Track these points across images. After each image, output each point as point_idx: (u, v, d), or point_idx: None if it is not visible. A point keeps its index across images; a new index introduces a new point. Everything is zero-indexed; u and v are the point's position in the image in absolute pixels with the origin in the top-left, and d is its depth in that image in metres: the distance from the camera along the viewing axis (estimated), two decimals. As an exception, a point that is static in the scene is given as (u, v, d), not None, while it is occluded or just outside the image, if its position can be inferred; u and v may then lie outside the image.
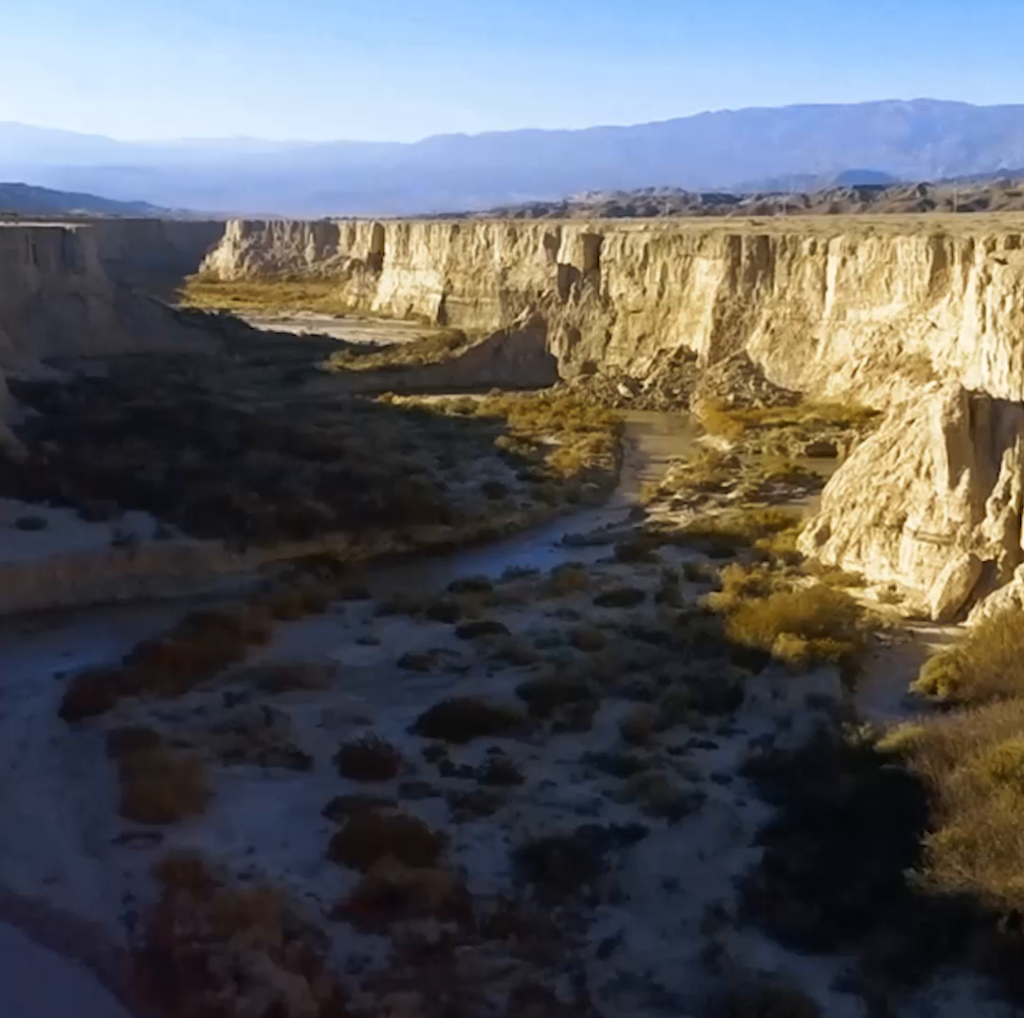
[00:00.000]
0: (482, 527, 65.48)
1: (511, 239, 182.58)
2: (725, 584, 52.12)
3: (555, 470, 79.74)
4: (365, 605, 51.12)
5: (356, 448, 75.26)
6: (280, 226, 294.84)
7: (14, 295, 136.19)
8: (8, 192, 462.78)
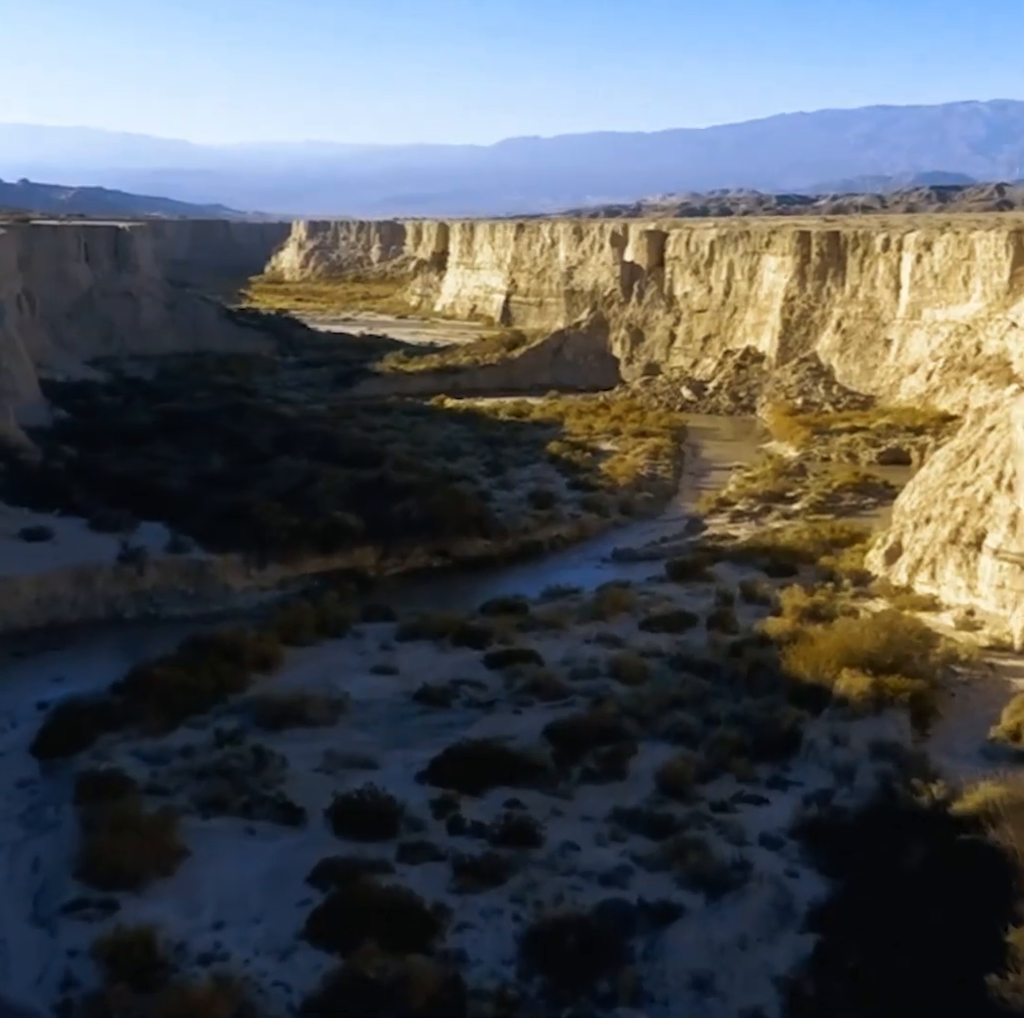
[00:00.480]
0: (525, 540, 61.05)
1: (576, 238, 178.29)
2: (784, 607, 47.36)
3: (609, 478, 75.09)
4: (388, 628, 46.70)
5: (398, 454, 70.98)
6: (346, 226, 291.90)
7: (65, 294, 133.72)
8: (86, 196, 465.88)
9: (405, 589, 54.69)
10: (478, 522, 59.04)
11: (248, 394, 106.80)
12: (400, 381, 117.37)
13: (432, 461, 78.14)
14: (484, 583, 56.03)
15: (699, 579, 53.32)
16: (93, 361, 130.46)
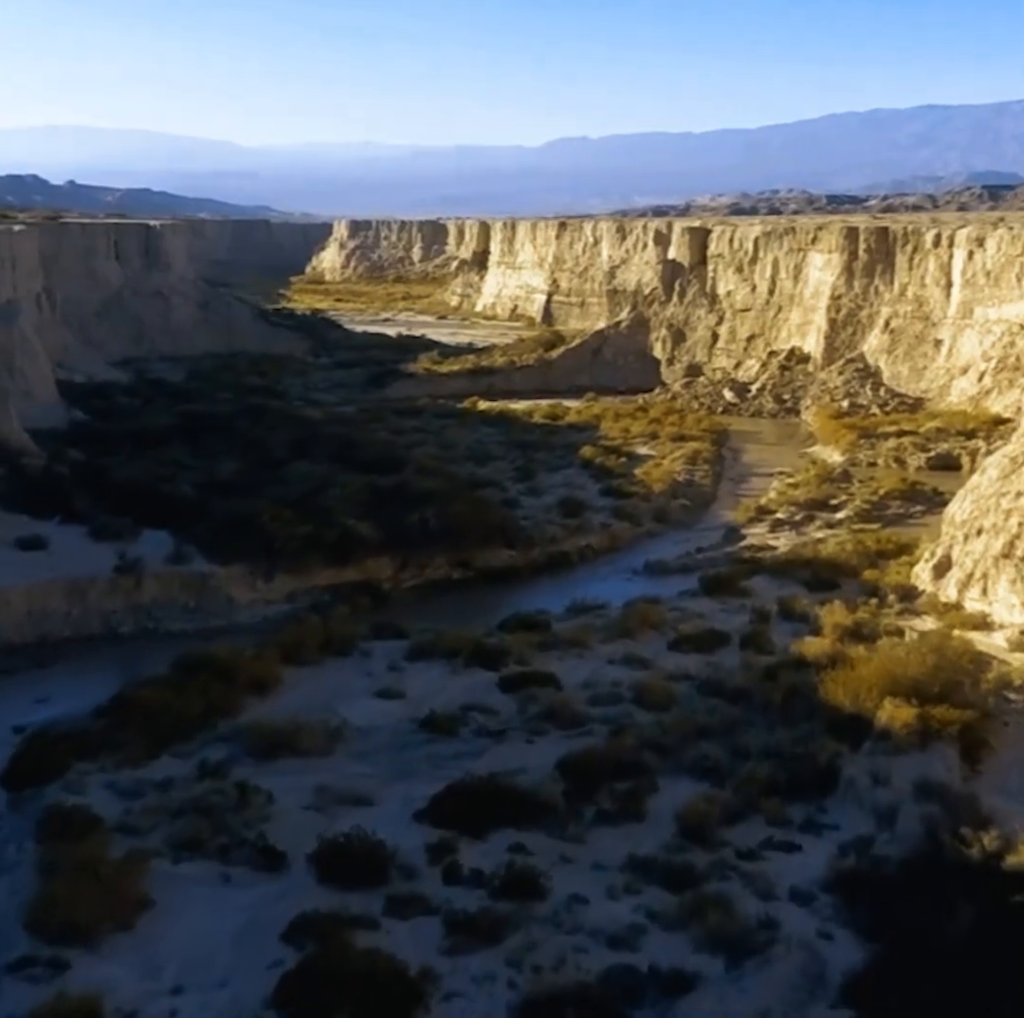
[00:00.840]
0: (552, 551, 57.95)
1: (620, 236, 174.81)
2: (824, 625, 44.12)
3: (643, 485, 71.85)
4: (398, 646, 43.69)
5: (422, 458, 68.08)
6: (387, 226, 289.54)
7: (94, 293, 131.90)
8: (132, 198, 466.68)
9: (422, 603, 51.78)
10: (502, 531, 56.02)
11: (277, 396, 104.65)
12: (433, 382, 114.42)
13: (460, 466, 75.34)
14: (507, 596, 53.04)
15: (734, 594, 50.09)
16: (123, 361, 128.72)
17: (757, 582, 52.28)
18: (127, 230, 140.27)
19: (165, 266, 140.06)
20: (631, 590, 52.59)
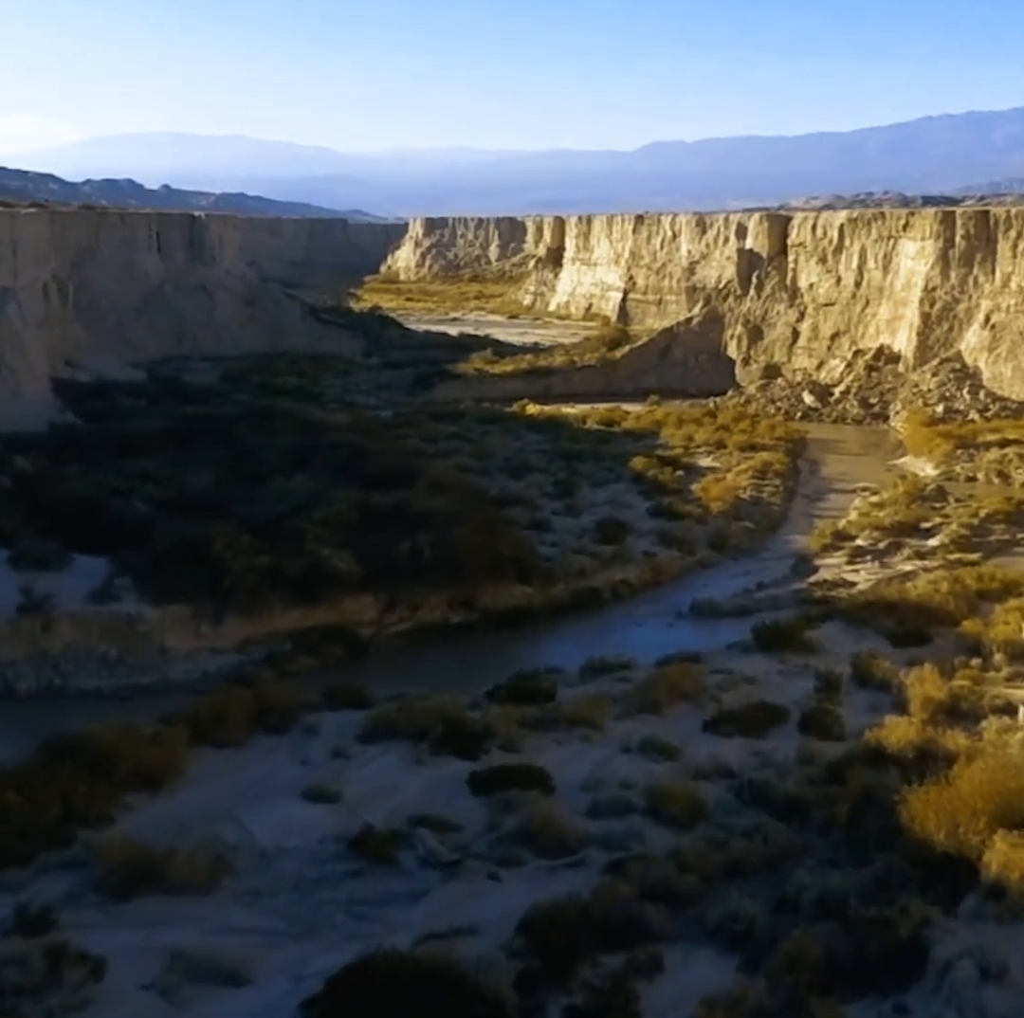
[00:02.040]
0: (580, 587, 47.89)
1: (700, 230, 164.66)
2: (912, 699, 33.75)
3: (701, 503, 61.56)
4: (353, 720, 33.77)
5: (440, 472, 58.27)
6: (464, 223, 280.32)
7: (133, 288, 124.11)
8: (227, 202, 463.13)
9: (409, 654, 42.08)
10: (516, 562, 46.03)
11: (311, 398, 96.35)
12: (484, 384, 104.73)
13: (491, 479, 65.75)
14: (514, 647, 43.20)
15: (797, 649, 39.73)
16: (162, 360, 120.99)
17: (827, 632, 41.94)
18: (170, 220, 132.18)
19: (210, 259, 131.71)
20: (670, 639, 42.65)
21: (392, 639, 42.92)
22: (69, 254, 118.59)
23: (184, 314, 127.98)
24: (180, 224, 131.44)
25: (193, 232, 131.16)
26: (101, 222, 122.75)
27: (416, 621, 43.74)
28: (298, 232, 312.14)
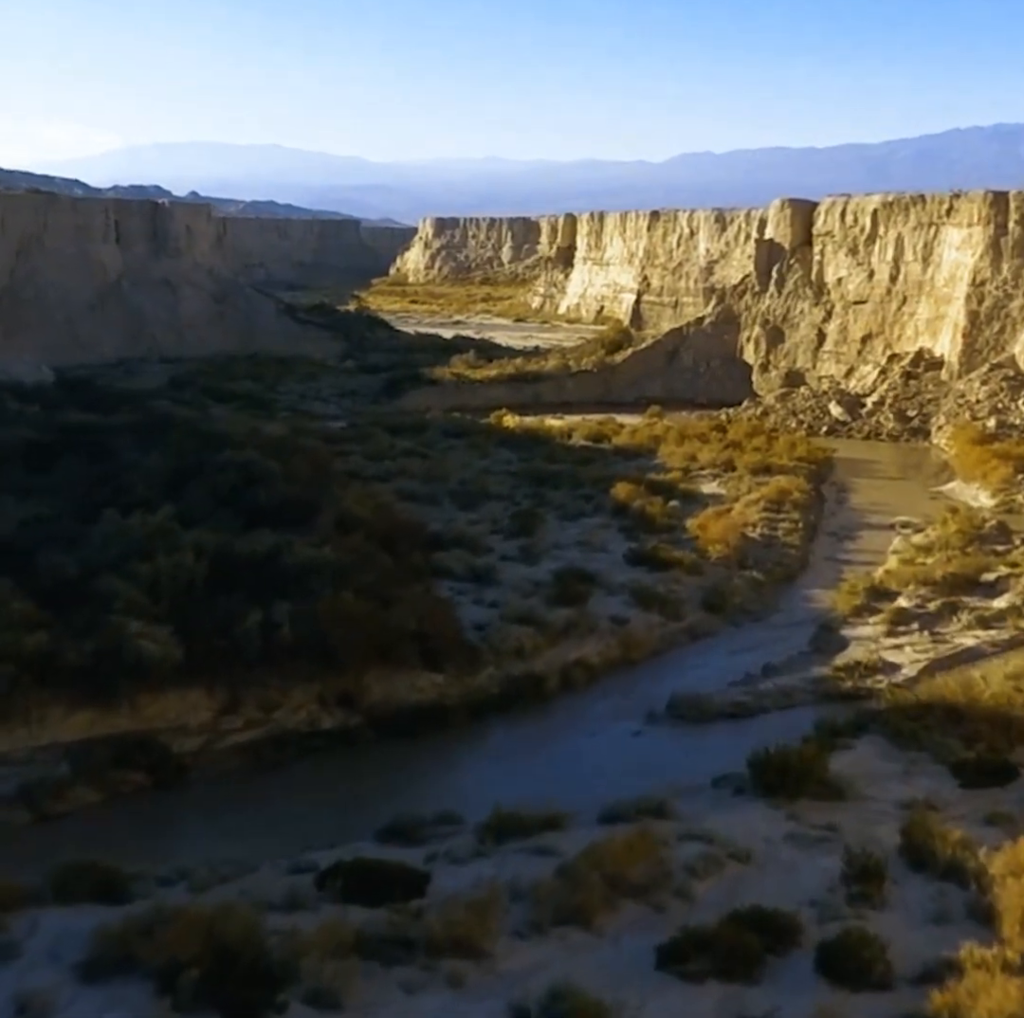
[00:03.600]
0: (516, 672, 34.43)
1: (719, 227, 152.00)
2: (1005, 913, 20.47)
3: (697, 545, 48.02)
4: (85, 927, 20.56)
5: (355, 504, 44.92)
6: (475, 224, 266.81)
7: (86, 281, 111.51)
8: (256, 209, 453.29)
9: (248, 781, 28.88)
10: (422, 640, 32.68)
11: (260, 405, 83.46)
12: (463, 391, 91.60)
13: (440, 508, 52.75)
14: (404, 769, 29.87)
15: (816, 794, 26.28)
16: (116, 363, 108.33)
17: (862, 758, 28.54)
18: (129, 208, 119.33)
19: (175, 251, 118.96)
20: (630, 761, 29.51)
21: (229, 755, 29.70)
22: (13, 242, 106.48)
23: (144, 311, 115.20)
24: (141, 212, 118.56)
25: (156, 221, 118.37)
26: (50, 207, 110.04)
27: (271, 727, 30.49)
28: (307, 233, 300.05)
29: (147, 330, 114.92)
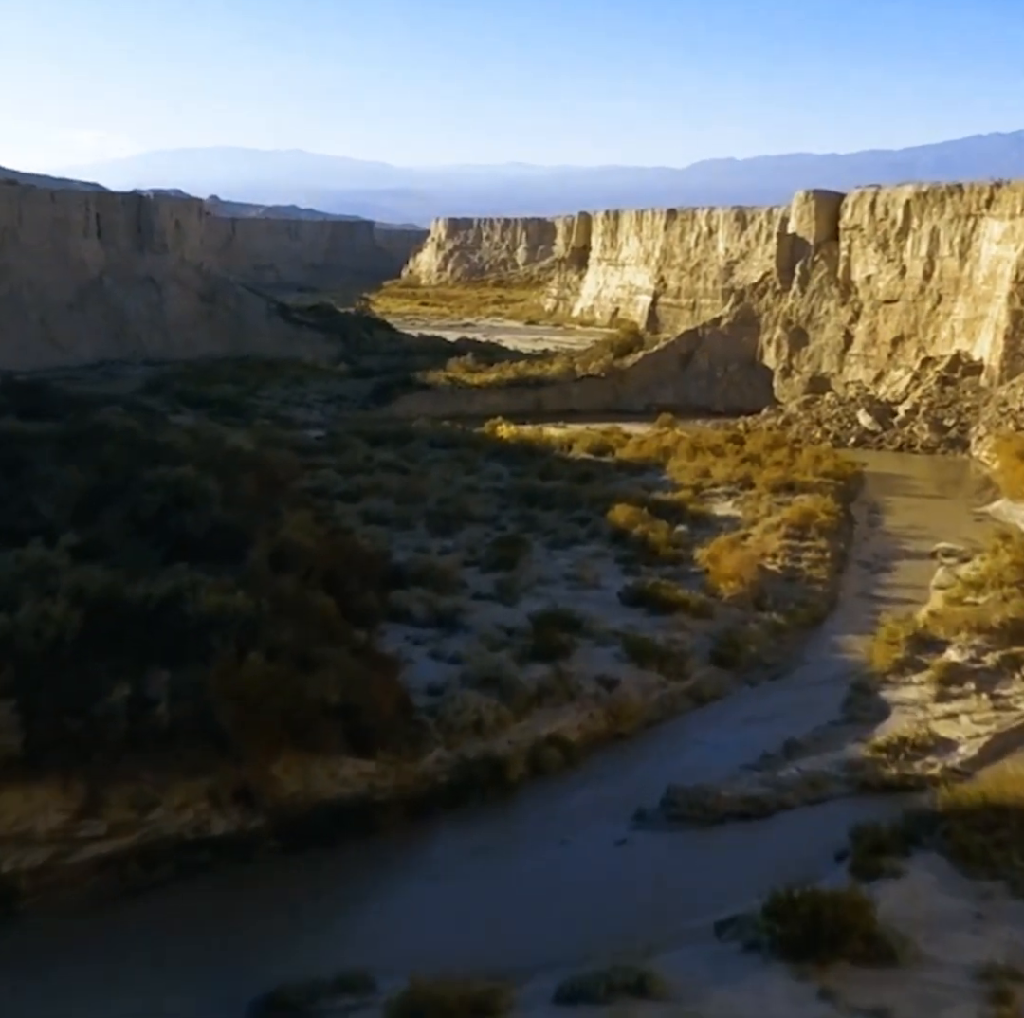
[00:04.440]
0: (471, 754, 27.30)
1: (739, 226, 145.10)
2: None
3: (707, 581, 40.83)
4: None
5: (300, 533, 37.82)
6: (490, 224, 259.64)
7: (64, 277, 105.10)
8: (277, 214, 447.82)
9: (99, 916, 21.92)
10: (348, 716, 25.58)
11: (237, 411, 77.32)
12: (458, 397, 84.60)
13: (411, 534, 45.79)
14: (306, 901, 22.85)
15: (860, 956, 19.09)
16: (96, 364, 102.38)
17: (915, 890, 21.40)
18: (112, 201, 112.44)
19: (160, 247, 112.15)
20: (613, 883, 22.43)
21: (84, 872, 22.73)
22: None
23: (126, 310, 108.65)
24: (125, 205, 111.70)
25: (141, 215, 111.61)
26: (25, 198, 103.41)
27: (145, 833, 23.50)
28: (319, 235, 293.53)
29: (130, 330, 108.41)
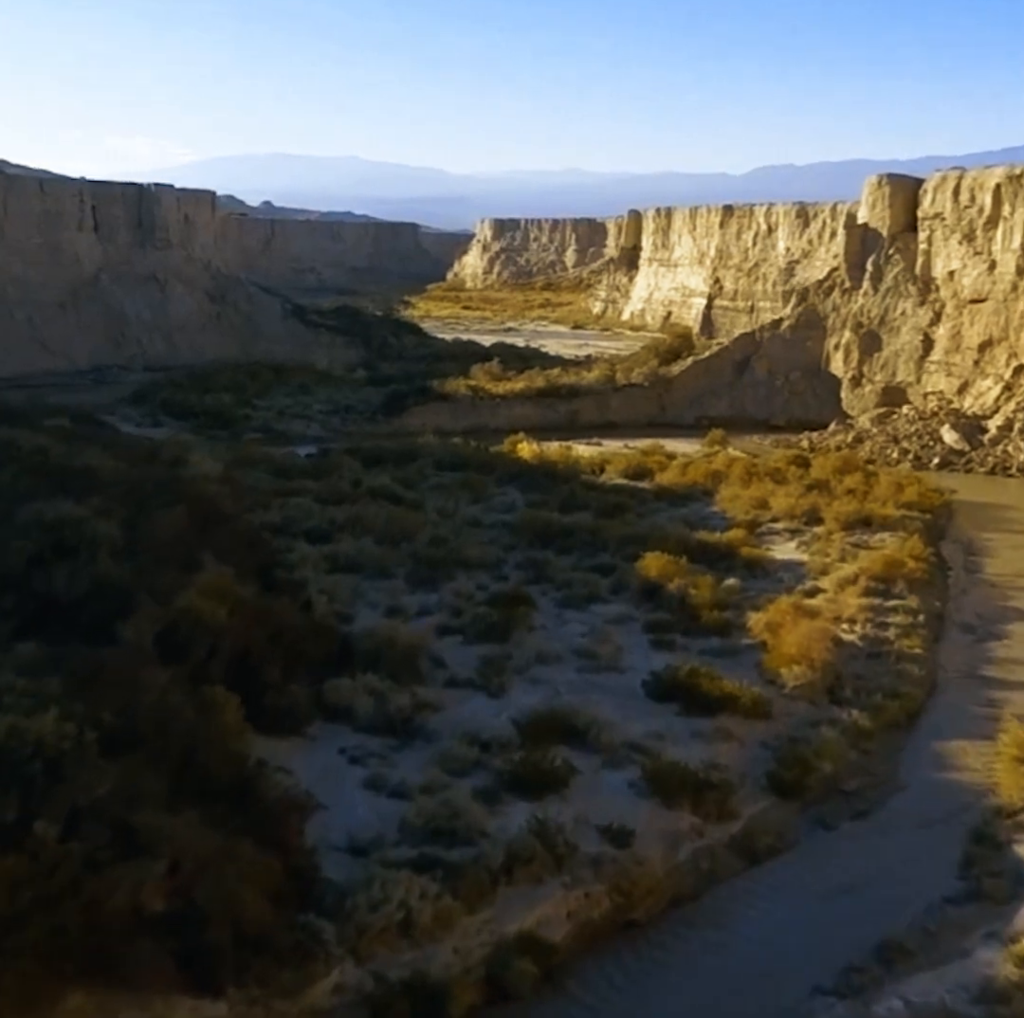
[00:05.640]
0: (392, 975, 17.33)
1: (801, 223, 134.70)
2: None
3: (764, 661, 30.57)
4: None
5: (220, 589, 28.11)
6: (538, 225, 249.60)
7: (57, 275, 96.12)
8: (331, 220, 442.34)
9: None
10: (188, 927, 15.78)
11: (226, 423, 68.36)
12: (480, 409, 74.73)
13: (378, 587, 35.93)
14: None
15: None
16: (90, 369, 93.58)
17: None
18: (110, 192, 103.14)
19: (163, 242, 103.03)
20: None
21: None
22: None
23: (125, 311, 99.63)
24: (124, 197, 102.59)
25: (142, 208, 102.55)
26: (11, 189, 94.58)
27: None
28: (362, 237, 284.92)
29: (129, 332, 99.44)
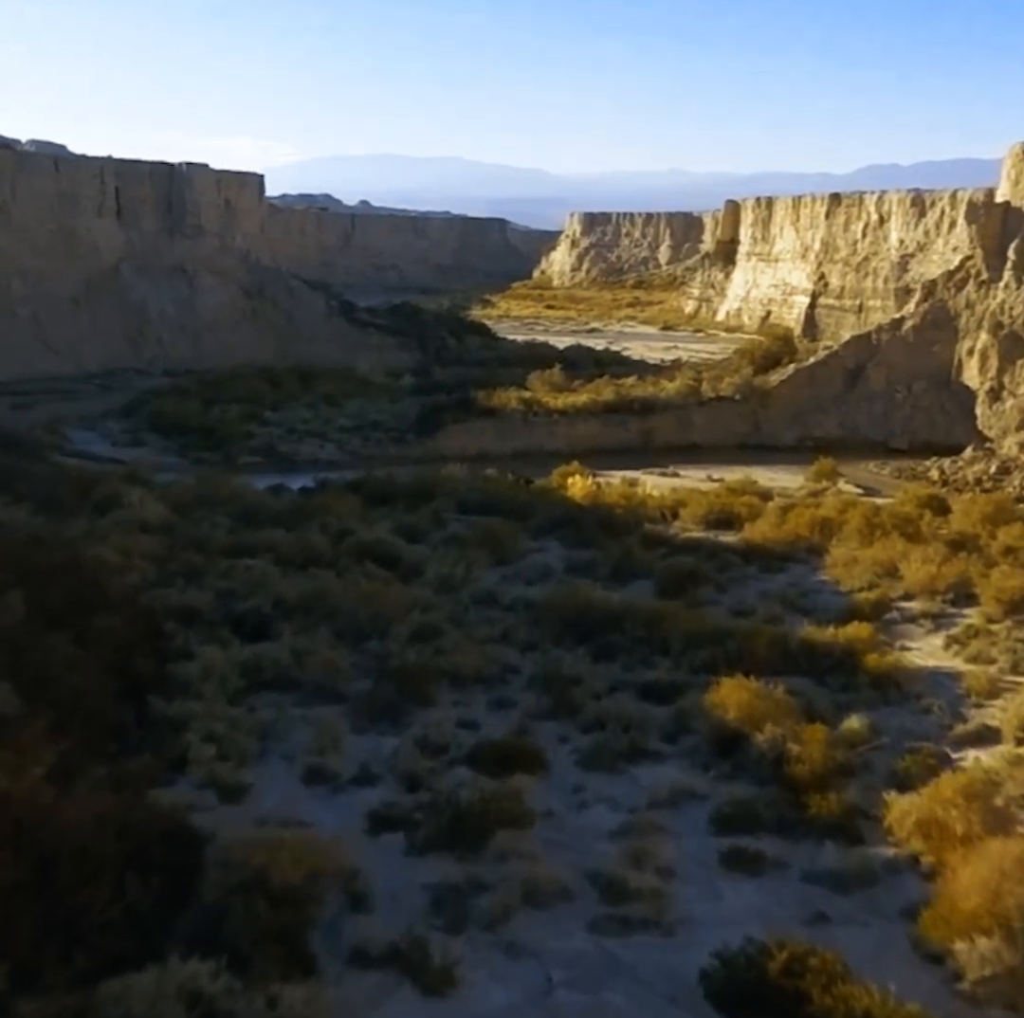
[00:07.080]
0: None
1: (916, 213, 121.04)
2: None
3: (925, 923, 17.39)
4: None
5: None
6: (630, 220, 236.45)
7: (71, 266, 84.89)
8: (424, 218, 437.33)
9: None
10: None
11: (218, 443, 56.17)
12: (532, 427, 62.09)
13: (313, 723, 23.31)
14: None
15: None
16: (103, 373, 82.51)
17: None
18: (136, 173, 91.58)
19: (194, 230, 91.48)
20: None
21: None
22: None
23: (147, 307, 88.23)
24: (153, 178, 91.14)
25: (172, 190, 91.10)
26: (21, 168, 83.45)
27: None
28: (447, 233, 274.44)
29: (150, 332, 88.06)
